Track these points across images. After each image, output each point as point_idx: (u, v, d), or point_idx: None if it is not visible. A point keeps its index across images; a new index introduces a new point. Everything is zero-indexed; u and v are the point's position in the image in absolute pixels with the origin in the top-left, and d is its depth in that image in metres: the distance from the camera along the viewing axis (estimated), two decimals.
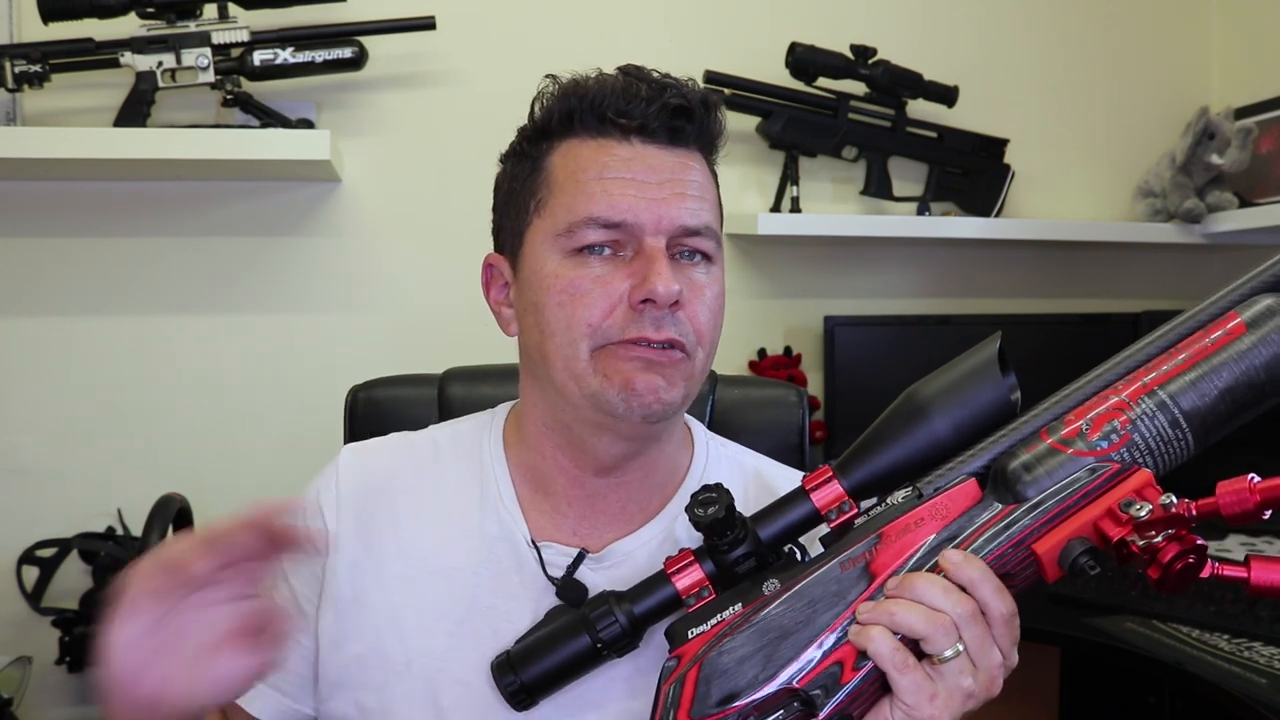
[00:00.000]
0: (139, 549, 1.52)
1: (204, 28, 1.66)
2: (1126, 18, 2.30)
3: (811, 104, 2.00)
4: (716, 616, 0.69)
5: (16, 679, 1.63)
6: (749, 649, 0.66)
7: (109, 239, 1.82)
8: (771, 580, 0.69)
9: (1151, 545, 0.60)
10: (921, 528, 0.66)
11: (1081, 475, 0.63)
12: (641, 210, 0.79)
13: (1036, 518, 0.64)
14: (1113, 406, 0.64)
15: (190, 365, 1.85)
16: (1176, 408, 0.63)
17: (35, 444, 1.80)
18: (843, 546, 0.68)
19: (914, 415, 0.68)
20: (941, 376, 0.70)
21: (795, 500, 0.71)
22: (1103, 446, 0.63)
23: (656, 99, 0.81)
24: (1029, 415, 0.67)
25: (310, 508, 0.91)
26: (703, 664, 0.67)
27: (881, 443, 0.69)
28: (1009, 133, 2.15)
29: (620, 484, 0.87)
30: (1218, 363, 0.63)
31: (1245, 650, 1.37)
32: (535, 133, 0.86)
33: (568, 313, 0.79)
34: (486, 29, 1.93)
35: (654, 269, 0.78)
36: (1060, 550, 0.63)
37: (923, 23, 2.15)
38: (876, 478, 0.69)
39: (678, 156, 0.83)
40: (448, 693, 0.83)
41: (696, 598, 0.71)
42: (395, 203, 1.91)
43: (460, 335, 1.86)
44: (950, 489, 0.66)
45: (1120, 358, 0.67)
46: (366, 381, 1.23)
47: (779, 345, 2.11)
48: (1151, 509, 0.60)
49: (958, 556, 0.64)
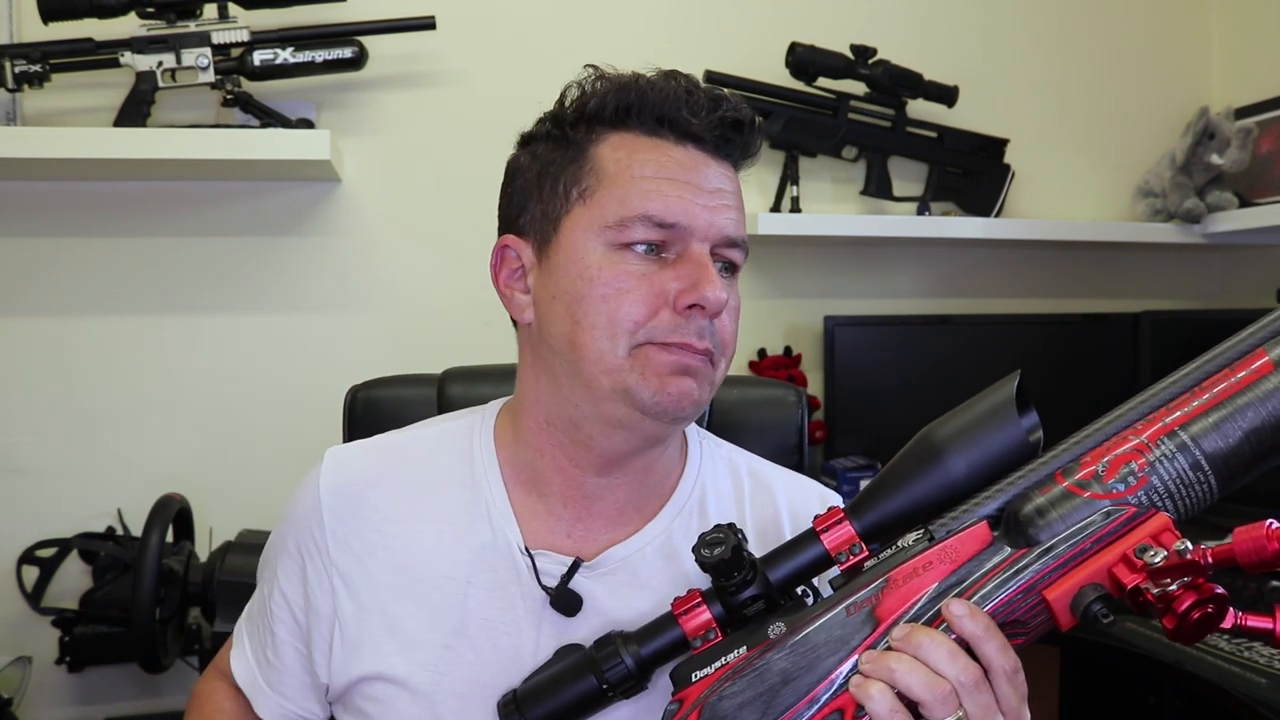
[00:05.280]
0: (139, 549, 1.52)
1: (204, 28, 1.66)
2: (1126, 18, 2.30)
3: (811, 104, 2.00)
4: (721, 659, 0.68)
5: (16, 679, 1.63)
6: (749, 694, 0.66)
7: (109, 239, 1.82)
8: (777, 623, 0.68)
9: (1167, 594, 0.57)
10: (929, 572, 0.64)
11: (1096, 519, 0.61)
12: (696, 215, 0.79)
13: (1047, 563, 0.61)
14: (1132, 448, 0.61)
15: (190, 365, 1.85)
16: (1199, 449, 0.60)
17: (35, 444, 1.80)
18: (850, 590, 0.66)
19: (929, 458, 0.67)
20: (958, 417, 0.68)
21: (806, 542, 0.70)
22: (1119, 489, 0.61)
23: (715, 110, 0.82)
24: (1046, 456, 0.65)
25: (297, 513, 0.89)
26: (703, 709, 0.67)
27: (895, 486, 0.67)
28: (1009, 133, 2.15)
29: (618, 484, 0.86)
30: (1243, 403, 0.60)
31: (1245, 650, 1.37)
32: (578, 118, 0.84)
33: (611, 306, 0.78)
34: (486, 29, 1.93)
35: (706, 275, 0.78)
36: (1073, 597, 0.61)
37: (923, 23, 2.16)
38: (889, 520, 0.67)
39: (725, 169, 0.84)
40: (446, 706, 0.82)
41: (703, 639, 0.70)
42: (395, 203, 1.91)
43: (460, 335, 1.87)
44: (960, 532, 0.65)
45: (1142, 397, 0.64)
46: (365, 381, 1.23)
47: (779, 345, 2.11)
48: (1166, 555, 0.58)
49: (961, 609, 0.62)
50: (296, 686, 0.90)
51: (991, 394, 0.68)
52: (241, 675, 0.93)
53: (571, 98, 0.85)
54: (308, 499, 0.89)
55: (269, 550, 0.94)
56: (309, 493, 0.89)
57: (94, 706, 1.79)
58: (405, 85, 1.90)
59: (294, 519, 0.90)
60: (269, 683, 0.91)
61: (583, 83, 0.85)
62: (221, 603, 1.54)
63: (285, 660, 0.90)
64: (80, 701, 1.79)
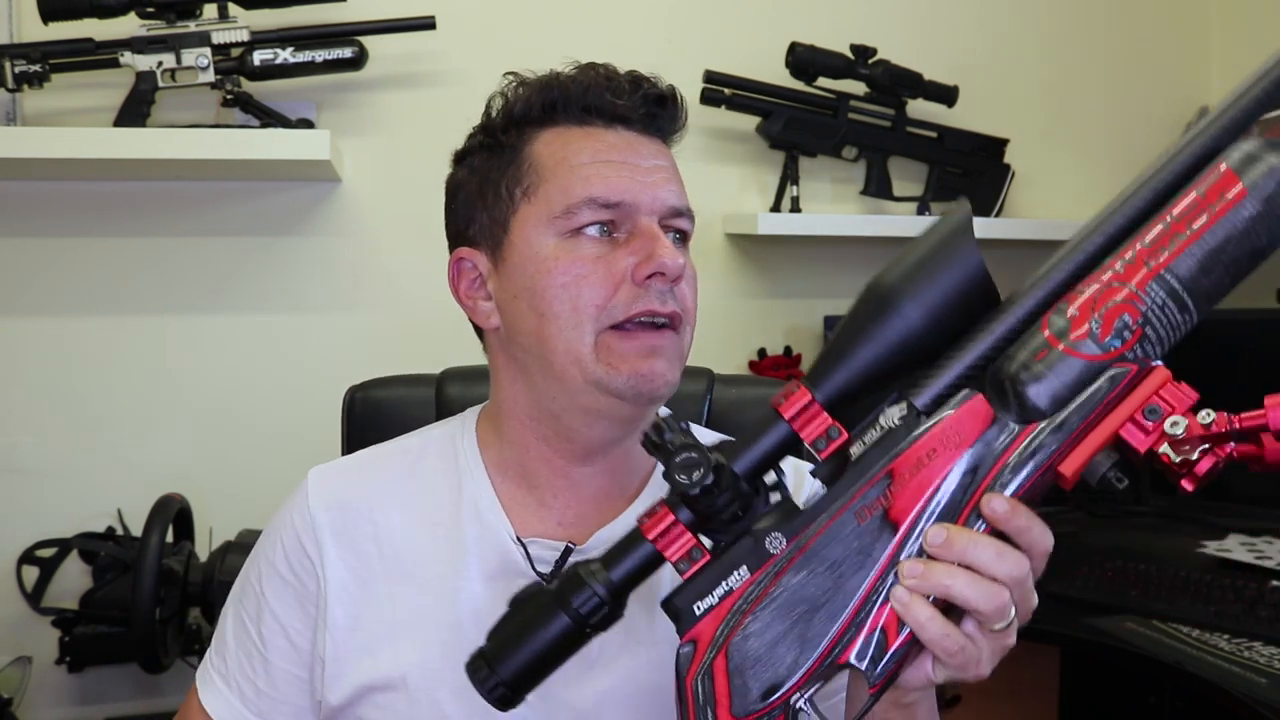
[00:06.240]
0: (139, 549, 1.52)
1: (204, 28, 1.65)
2: (1126, 18, 2.30)
3: (811, 104, 2.00)
4: (723, 585, 0.61)
5: (16, 679, 1.63)
6: (779, 629, 0.60)
7: (109, 239, 1.82)
8: (774, 534, 0.61)
9: (1187, 460, 0.56)
10: (935, 460, 0.59)
11: (1103, 385, 0.57)
12: (639, 191, 0.82)
13: (1061, 438, 0.58)
14: (1124, 299, 0.57)
15: (190, 365, 1.85)
16: (1186, 292, 0.57)
17: (35, 444, 1.80)
18: (850, 490, 0.60)
19: (881, 306, 0.60)
20: (905, 258, 0.62)
21: (770, 427, 0.61)
22: (1116, 346, 0.57)
23: (637, 90, 0.85)
24: (1019, 302, 0.60)
25: (288, 538, 0.89)
26: (729, 652, 0.60)
27: (851, 345, 0.60)
28: (1009, 133, 2.15)
29: (602, 470, 0.87)
30: (1223, 236, 0.57)
31: (1245, 650, 1.37)
32: (508, 124, 0.87)
33: (572, 293, 0.80)
34: (486, 29, 1.93)
35: (660, 244, 0.80)
36: (1087, 467, 0.58)
37: (923, 23, 2.15)
38: (852, 386, 0.61)
39: (656, 145, 0.87)
40: (450, 704, 0.83)
41: (689, 561, 0.62)
42: (395, 203, 1.91)
43: (460, 335, 1.86)
44: (957, 409, 0.59)
45: (1105, 221, 0.60)
46: (364, 382, 1.23)
47: (779, 345, 2.11)
48: (1188, 425, 0.56)
49: (1003, 505, 0.58)
50: (291, 712, 0.89)
51: (939, 227, 0.62)
52: (224, 713, 0.90)
53: (497, 107, 0.88)
54: (299, 520, 0.89)
55: (249, 579, 0.92)
56: (299, 514, 0.89)
57: (94, 706, 1.79)
58: (405, 85, 1.90)
59: (284, 542, 0.90)
60: (260, 713, 0.89)
61: (504, 91, 0.88)
62: (221, 603, 1.54)
63: (280, 687, 0.89)
64: (80, 701, 1.79)
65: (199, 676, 0.94)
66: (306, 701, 0.89)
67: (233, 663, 0.91)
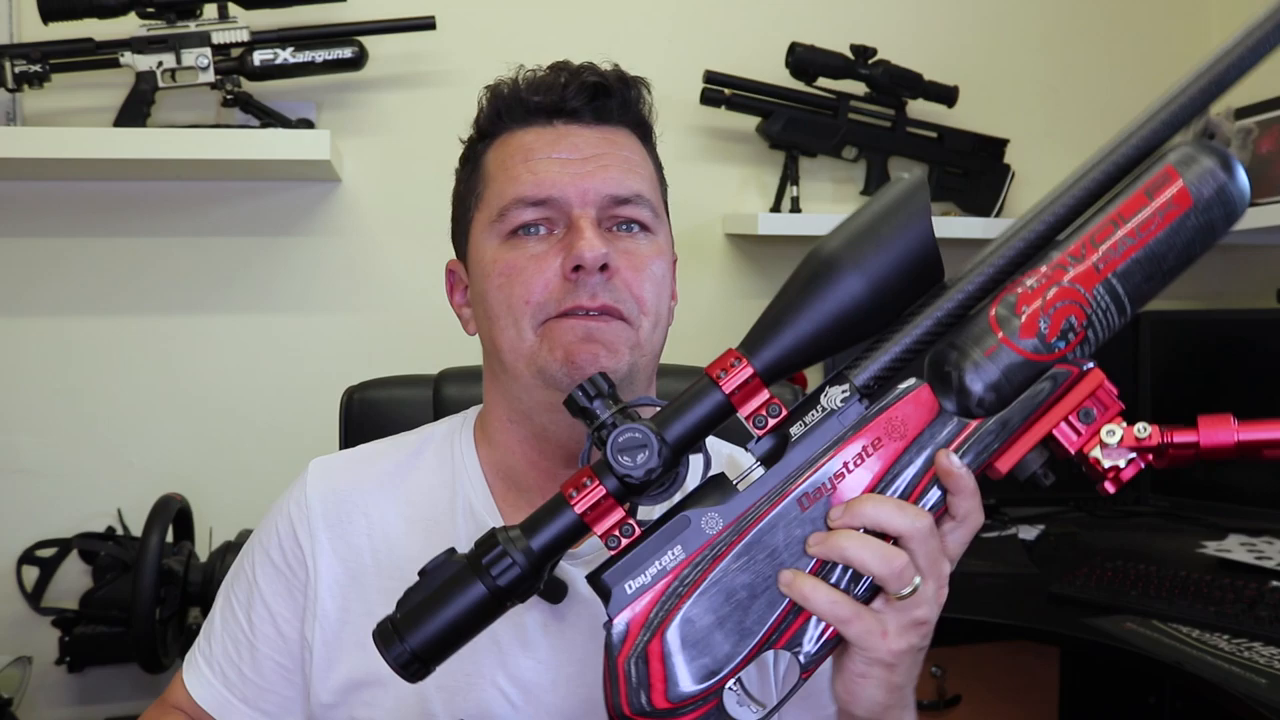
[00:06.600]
0: (139, 549, 1.52)
1: (204, 28, 1.66)
2: (1126, 18, 2.29)
3: (811, 104, 2.00)
4: (655, 564, 0.59)
5: (16, 679, 1.63)
6: (716, 616, 0.59)
7: (109, 239, 1.82)
8: (709, 514, 0.60)
9: (1116, 466, 0.58)
10: (879, 450, 0.59)
11: (1045, 386, 0.58)
12: (566, 184, 0.81)
13: (1004, 436, 0.59)
14: (1070, 300, 0.58)
15: (190, 365, 1.85)
16: (1127, 297, 0.58)
17: (35, 444, 1.80)
18: (792, 474, 0.60)
19: (823, 275, 0.59)
20: (851, 223, 0.60)
21: (704, 397, 0.60)
22: (1061, 347, 0.58)
23: (574, 81, 0.83)
24: (963, 283, 0.60)
25: (283, 525, 0.90)
26: (664, 637, 0.59)
27: (791, 315, 0.60)
28: (1009, 133, 2.15)
29: None
30: (1166, 241, 0.58)
31: (1245, 650, 1.37)
32: (475, 136, 0.89)
33: (507, 294, 0.81)
34: (486, 29, 1.93)
35: (580, 237, 0.79)
36: (1017, 464, 0.59)
37: (923, 23, 2.15)
38: (791, 359, 0.59)
39: (603, 133, 0.84)
40: (436, 700, 0.83)
41: (619, 537, 0.59)
42: (395, 203, 1.91)
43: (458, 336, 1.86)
44: (903, 400, 0.59)
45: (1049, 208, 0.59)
46: (362, 382, 1.23)
47: None
48: (1122, 436, 0.58)
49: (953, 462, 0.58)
50: (278, 701, 0.89)
51: (889, 194, 0.59)
52: (206, 697, 0.90)
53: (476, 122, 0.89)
54: (295, 509, 0.90)
55: (242, 565, 0.93)
56: (296, 503, 0.90)
57: (94, 706, 1.79)
58: (405, 85, 1.90)
59: (279, 530, 0.90)
60: (245, 699, 0.89)
61: (479, 100, 0.88)
62: None
63: (266, 675, 0.89)
64: (80, 701, 1.79)
65: (185, 661, 0.94)
66: (293, 691, 0.89)
67: (218, 647, 0.91)
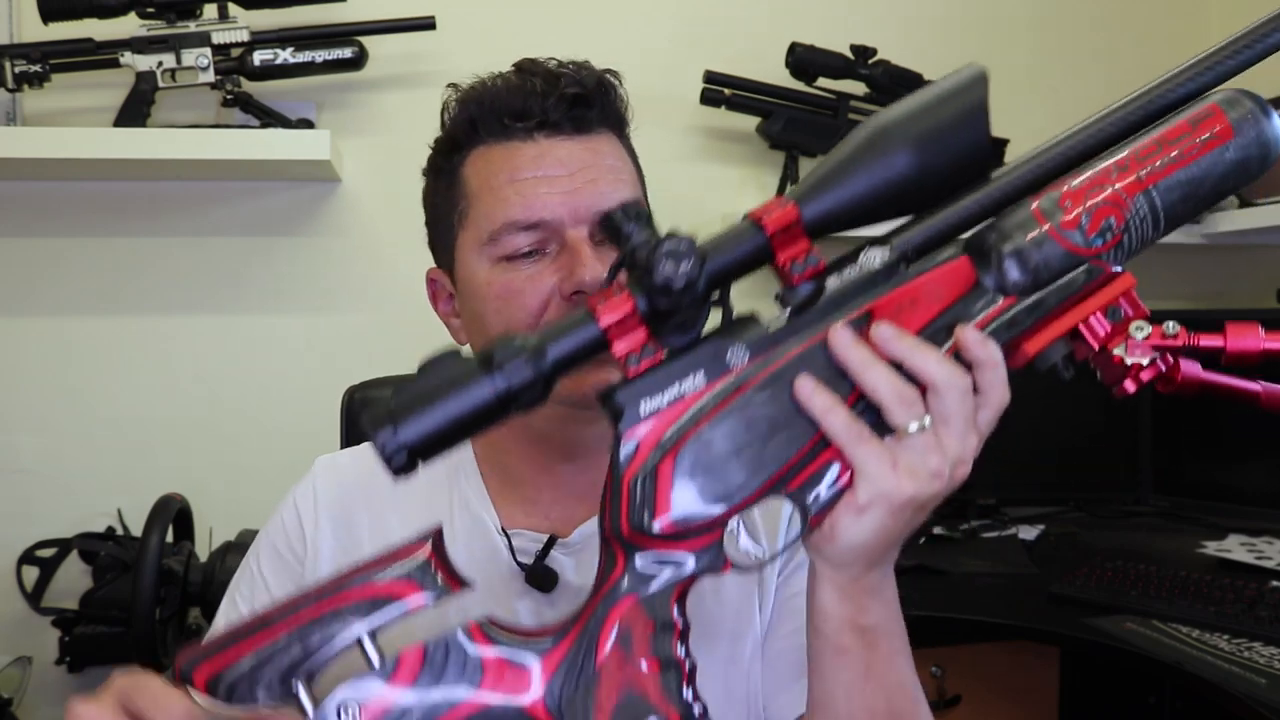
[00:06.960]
0: (139, 549, 1.52)
1: (204, 28, 1.66)
2: (1126, 18, 2.30)
3: (811, 104, 2.00)
4: (675, 387, 0.57)
5: (16, 679, 1.63)
6: (733, 444, 0.56)
7: (109, 239, 1.82)
8: (735, 346, 0.58)
9: (1138, 364, 0.58)
10: (915, 309, 0.59)
11: (1079, 276, 0.59)
12: (557, 205, 0.79)
13: (1036, 316, 0.59)
14: (1110, 201, 0.59)
15: (190, 365, 1.85)
16: (1163, 211, 0.60)
17: (35, 444, 1.80)
18: (826, 320, 0.59)
19: (878, 139, 0.58)
20: (913, 98, 0.59)
21: (746, 237, 0.59)
22: (1098, 245, 0.59)
23: (552, 92, 0.80)
24: (1012, 177, 0.60)
25: (288, 516, 0.91)
26: (678, 457, 0.56)
27: (846, 175, 0.58)
28: (1009, 133, 2.14)
29: (588, 466, 0.87)
30: (1206, 167, 0.60)
31: (1245, 650, 1.37)
32: (447, 145, 0.86)
33: (505, 317, 0.80)
34: (486, 29, 1.92)
35: (578, 259, 0.78)
36: (1044, 350, 0.59)
37: (923, 23, 2.16)
38: (838, 216, 0.58)
39: (585, 144, 0.82)
40: None
41: (640, 357, 0.57)
42: (395, 203, 1.91)
43: None
44: (942, 265, 0.59)
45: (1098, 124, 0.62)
46: (363, 382, 1.23)
47: None
48: (1150, 333, 0.58)
49: (977, 335, 0.58)
50: None
51: (954, 78, 0.59)
52: None
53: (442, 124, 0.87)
54: (301, 503, 0.91)
55: (249, 563, 0.93)
56: (303, 498, 0.91)
57: None
58: (405, 85, 1.90)
59: (284, 522, 0.91)
60: None
61: (446, 105, 0.86)
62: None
63: None
64: None
65: None
66: None
67: None
